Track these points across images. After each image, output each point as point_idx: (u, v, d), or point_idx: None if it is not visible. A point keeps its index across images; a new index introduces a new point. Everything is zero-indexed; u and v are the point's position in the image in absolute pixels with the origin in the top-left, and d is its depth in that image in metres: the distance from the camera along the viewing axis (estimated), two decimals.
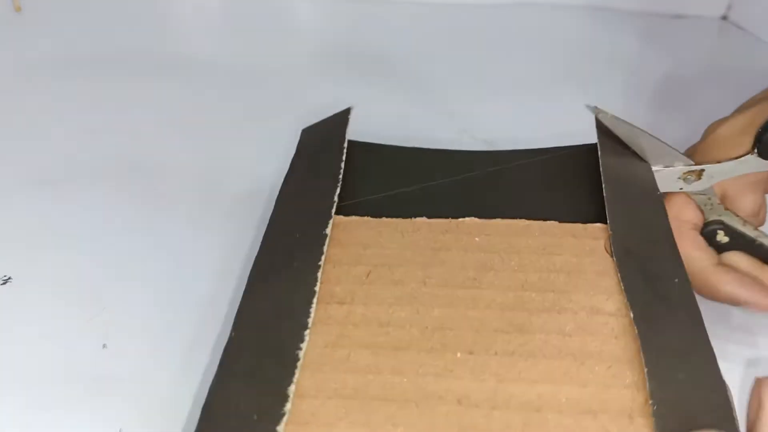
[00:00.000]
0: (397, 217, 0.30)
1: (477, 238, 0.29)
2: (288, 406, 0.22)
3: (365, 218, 0.30)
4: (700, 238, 0.31)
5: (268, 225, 0.30)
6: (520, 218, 0.30)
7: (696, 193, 0.32)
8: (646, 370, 0.23)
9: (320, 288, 0.26)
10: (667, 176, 0.32)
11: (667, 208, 0.30)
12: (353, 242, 0.29)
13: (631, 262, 0.27)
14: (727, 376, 0.23)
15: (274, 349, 0.24)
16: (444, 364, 0.24)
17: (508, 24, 0.60)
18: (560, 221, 0.29)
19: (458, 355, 0.24)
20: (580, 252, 0.28)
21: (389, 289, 0.27)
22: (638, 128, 0.31)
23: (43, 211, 0.37)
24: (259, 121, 0.46)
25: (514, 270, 0.27)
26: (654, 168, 0.32)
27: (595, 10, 0.62)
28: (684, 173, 0.32)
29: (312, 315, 0.25)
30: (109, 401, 0.28)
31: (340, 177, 0.31)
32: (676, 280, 0.27)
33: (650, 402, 0.22)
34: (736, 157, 0.31)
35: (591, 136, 0.33)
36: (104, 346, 0.30)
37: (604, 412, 0.22)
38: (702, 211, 0.32)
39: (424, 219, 0.30)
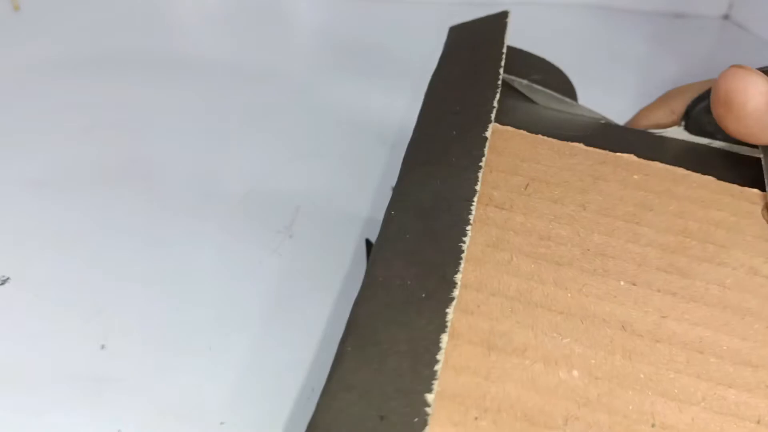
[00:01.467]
0: (553, 137, 0.29)
1: (635, 176, 0.28)
2: (456, 292, 0.21)
3: (521, 131, 0.29)
4: None
5: (422, 111, 0.29)
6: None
7: None
8: None
9: (479, 189, 0.25)
10: (553, 111, 0.32)
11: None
12: (510, 152, 0.28)
13: None
14: None
15: (436, 236, 0.23)
16: (607, 288, 0.23)
17: (509, 24, 0.60)
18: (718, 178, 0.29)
19: (621, 283, 0.24)
20: (738, 212, 0.28)
21: (548, 205, 0.26)
22: (557, 96, 0.31)
23: (41, 211, 0.37)
24: (261, 121, 0.46)
25: (674, 215, 0.27)
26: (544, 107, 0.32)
27: (596, 9, 0.62)
28: None
29: (473, 212, 0.24)
30: (107, 402, 0.28)
31: (499, 83, 0.30)
32: None
33: None
34: (662, 127, 0.31)
35: None
36: (102, 346, 0.30)
37: (764, 368, 0.22)
38: None
39: (581, 145, 0.29)
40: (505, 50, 0.32)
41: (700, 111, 0.31)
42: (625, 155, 0.29)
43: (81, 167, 0.40)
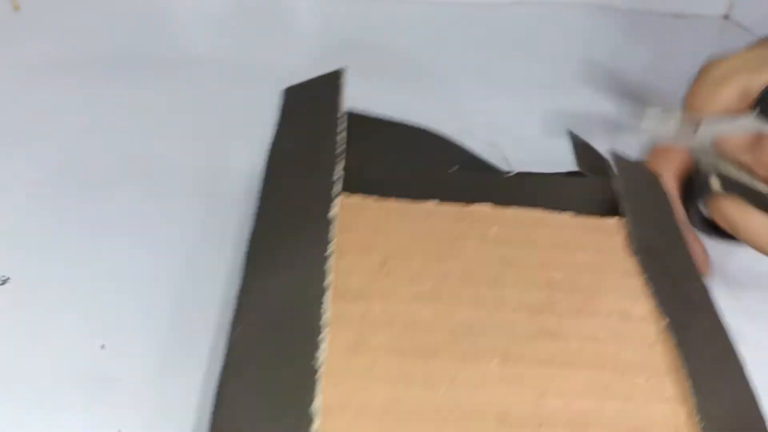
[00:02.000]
0: (402, 197, 0.28)
1: (494, 228, 0.27)
2: (314, 426, 0.19)
3: (370, 200, 0.27)
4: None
5: (260, 200, 0.27)
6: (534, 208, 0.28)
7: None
8: (689, 383, 0.22)
9: (332, 280, 0.23)
10: (661, 123, 0.30)
11: (657, 153, 0.28)
12: (361, 227, 0.26)
13: (652, 261, 0.26)
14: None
15: (287, 355, 0.21)
16: (479, 374, 0.22)
17: (510, 23, 0.60)
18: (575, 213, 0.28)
19: (493, 363, 0.22)
20: (601, 248, 0.27)
21: (407, 284, 0.24)
22: (628, 79, 0.30)
23: (41, 211, 0.37)
24: (261, 121, 0.45)
25: (537, 266, 0.26)
26: (651, 110, 0.30)
27: (596, 8, 0.62)
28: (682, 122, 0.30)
29: (326, 314, 0.22)
30: (107, 402, 0.28)
31: (342, 151, 0.28)
32: (697, 283, 0.26)
33: (698, 419, 0.21)
34: (731, 112, 0.29)
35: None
36: (103, 346, 0.30)
37: (651, 429, 0.21)
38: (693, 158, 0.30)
39: (433, 203, 0.28)
40: (341, 114, 0.29)
41: None
42: (480, 207, 0.28)
43: (81, 167, 0.40)
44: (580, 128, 0.32)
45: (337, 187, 0.26)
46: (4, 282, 0.32)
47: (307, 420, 0.19)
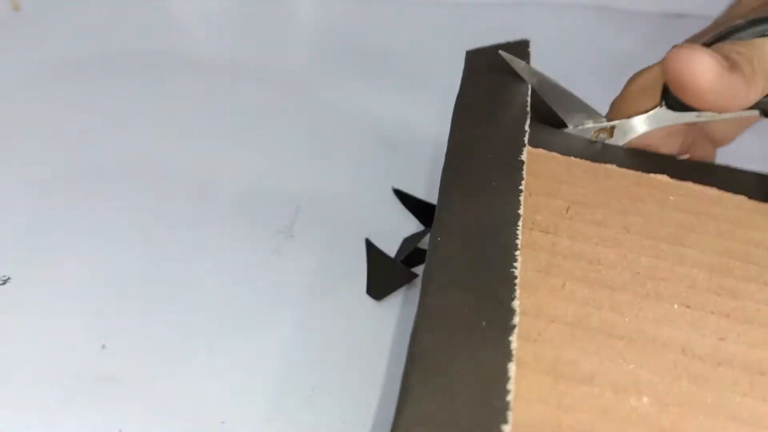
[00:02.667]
0: (585, 159, 0.29)
1: (672, 197, 0.28)
2: (516, 319, 0.20)
3: (553, 153, 0.29)
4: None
5: (453, 135, 0.28)
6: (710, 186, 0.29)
7: None
8: None
9: (522, 213, 0.24)
10: (579, 137, 0.31)
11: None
12: (546, 174, 0.28)
13: None
14: None
15: (486, 262, 0.22)
16: (663, 312, 0.23)
17: (510, 23, 0.60)
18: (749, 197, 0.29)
19: (675, 306, 0.23)
20: None
21: (592, 228, 0.26)
22: (553, 80, 0.30)
23: (42, 211, 0.37)
24: (261, 121, 0.46)
25: (715, 235, 0.27)
26: (566, 130, 0.31)
27: (595, 9, 0.62)
28: (596, 132, 0.31)
29: (519, 237, 0.23)
30: (108, 402, 0.28)
31: (528, 107, 0.29)
32: None
33: None
34: (645, 111, 0.30)
35: None
36: (103, 346, 0.30)
37: None
38: None
39: (614, 166, 0.29)
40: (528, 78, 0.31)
41: None
42: (659, 176, 0.29)
43: (81, 167, 0.40)
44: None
45: (526, 137, 0.27)
46: (5, 282, 0.32)
47: (510, 313, 0.20)
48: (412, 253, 0.34)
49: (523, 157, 0.26)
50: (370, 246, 0.34)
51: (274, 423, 0.27)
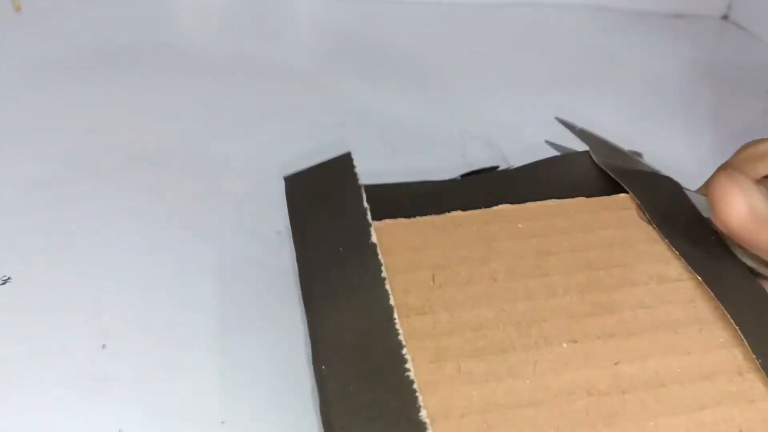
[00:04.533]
0: (430, 214, 0.29)
1: (520, 225, 0.28)
2: None
3: (400, 220, 0.28)
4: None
5: (297, 249, 0.28)
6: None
7: None
8: (737, 327, 0.24)
9: (393, 301, 0.24)
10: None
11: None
12: (400, 247, 0.27)
13: (668, 226, 0.28)
14: None
15: (379, 376, 0.22)
16: (556, 357, 0.23)
17: (509, 24, 0.60)
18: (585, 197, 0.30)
19: (564, 345, 0.24)
20: (621, 223, 0.28)
21: (462, 290, 0.25)
22: (620, 148, 0.31)
23: (42, 210, 0.37)
24: (261, 120, 0.46)
25: (571, 251, 0.27)
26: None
27: (595, 9, 0.62)
28: None
29: (400, 331, 0.23)
30: (108, 401, 0.28)
31: (361, 188, 0.29)
32: (713, 237, 0.27)
33: (754, 357, 0.23)
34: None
35: None
36: (104, 346, 0.30)
37: (718, 374, 0.23)
38: None
39: (460, 212, 0.29)
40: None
41: None
42: (502, 206, 0.29)
43: (82, 166, 0.40)
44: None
45: (368, 216, 0.27)
46: (5, 282, 0.32)
47: (422, 429, 0.20)
48: None
49: (373, 238, 0.26)
50: None
51: (274, 423, 0.27)
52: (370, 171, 0.41)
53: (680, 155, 0.44)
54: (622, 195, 0.29)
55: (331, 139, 0.44)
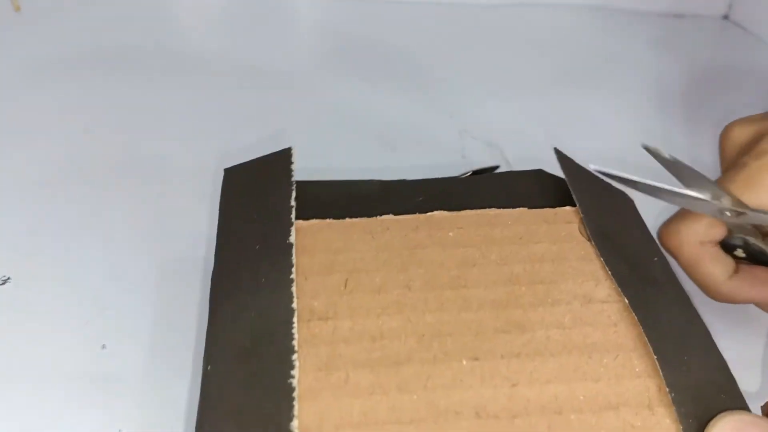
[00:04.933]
0: (360, 216, 0.28)
1: (451, 233, 0.27)
2: None
3: (328, 221, 0.28)
4: (718, 251, 0.29)
5: (217, 243, 0.27)
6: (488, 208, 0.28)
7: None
8: (656, 357, 0.22)
9: (297, 305, 0.24)
10: (707, 208, 0.28)
11: (692, 224, 0.28)
12: (321, 248, 0.26)
13: (608, 244, 0.27)
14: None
15: (261, 380, 0.21)
16: (452, 374, 0.22)
17: (509, 24, 0.60)
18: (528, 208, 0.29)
19: (464, 362, 0.23)
20: (557, 238, 0.27)
21: (372, 297, 0.25)
22: (690, 168, 0.29)
23: (43, 211, 0.37)
24: (261, 121, 0.46)
25: (497, 263, 0.26)
26: (700, 195, 0.28)
27: (595, 9, 0.62)
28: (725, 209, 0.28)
29: (296, 336, 0.23)
30: (108, 402, 0.28)
31: (293, 186, 0.28)
32: (656, 259, 0.27)
33: (668, 390, 0.21)
34: None
35: (591, 136, 0.33)
36: (104, 346, 0.30)
37: (624, 405, 0.22)
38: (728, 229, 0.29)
39: (391, 216, 0.28)
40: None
41: None
42: (436, 213, 0.28)
43: (82, 167, 0.40)
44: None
45: (293, 214, 0.27)
46: (5, 282, 0.33)
47: None
48: None
49: (292, 238, 0.26)
50: None
51: None
52: (370, 171, 0.41)
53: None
54: (567, 208, 0.28)
55: (332, 139, 0.44)
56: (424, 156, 0.42)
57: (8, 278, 0.33)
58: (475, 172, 0.37)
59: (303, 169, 0.41)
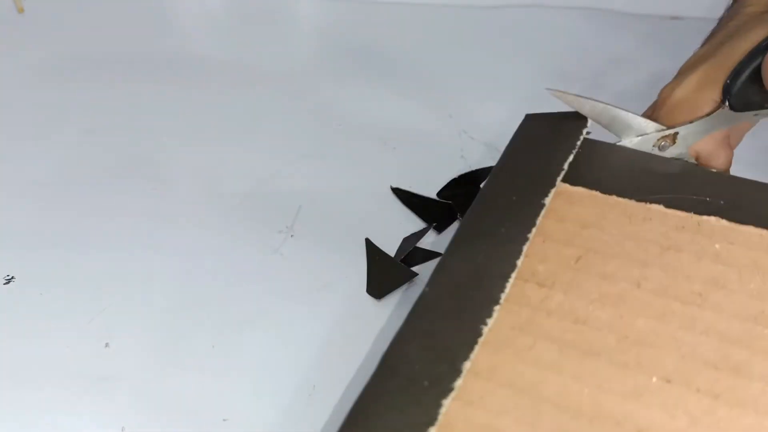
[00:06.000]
0: (629, 198, 0.26)
1: (717, 245, 0.25)
2: (459, 381, 0.20)
3: (593, 192, 0.27)
4: None
5: (486, 183, 0.28)
6: None
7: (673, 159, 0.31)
8: None
9: (522, 263, 0.24)
10: (640, 145, 0.31)
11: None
12: (572, 218, 0.26)
13: None
14: None
15: (460, 315, 0.22)
16: (634, 385, 0.21)
17: (509, 25, 0.60)
18: None
19: (654, 379, 0.21)
20: None
21: (595, 282, 0.24)
22: (602, 102, 0.30)
23: (46, 211, 0.37)
24: (263, 122, 0.46)
25: (751, 295, 0.23)
26: (626, 139, 0.31)
27: (593, 11, 0.62)
28: (658, 139, 0.31)
29: (506, 290, 0.23)
30: (111, 400, 0.28)
31: (574, 149, 0.28)
32: None
33: None
34: (707, 114, 0.30)
35: (592, 136, 0.33)
36: (107, 344, 0.30)
37: None
38: None
39: (660, 207, 0.26)
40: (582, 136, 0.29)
41: (743, 84, 0.29)
42: (712, 219, 0.25)
43: (84, 167, 0.40)
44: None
45: (560, 177, 0.27)
46: (9, 281, 0.33)
47: (455, 374, 0.21)
48: (411, 252, 0.34)
49: (547, 200, 0.25)
50: (370, 245, 0.35)
51: (275, 420, 0.28)
52: (369, 170, 0.41)
53: None
54: None
55: (332, 140, 0.44)
56: (424, 156, 0.42)
57: (12, 277, 0.33)
58: (475, 172, 0.38)
59: (303, 169, 0.41)
